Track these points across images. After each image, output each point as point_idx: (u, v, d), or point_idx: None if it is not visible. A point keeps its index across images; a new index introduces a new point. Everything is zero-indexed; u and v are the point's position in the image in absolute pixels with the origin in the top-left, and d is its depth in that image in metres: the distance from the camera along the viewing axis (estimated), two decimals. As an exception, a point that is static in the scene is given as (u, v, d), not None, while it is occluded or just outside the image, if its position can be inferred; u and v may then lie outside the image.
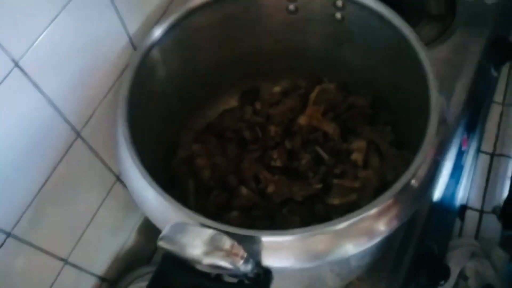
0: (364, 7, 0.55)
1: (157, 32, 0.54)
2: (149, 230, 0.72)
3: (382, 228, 0.41)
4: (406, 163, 0.44)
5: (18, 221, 0.46)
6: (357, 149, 0.61)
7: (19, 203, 0.46)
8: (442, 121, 0.46)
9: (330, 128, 0.64)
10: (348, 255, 0.40)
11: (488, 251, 0.73)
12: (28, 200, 0.47)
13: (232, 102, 0.73)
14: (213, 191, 0.61)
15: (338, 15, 0.60)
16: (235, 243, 0.34)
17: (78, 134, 0.51)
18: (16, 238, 0.46)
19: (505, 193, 0.82)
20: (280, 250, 0.38)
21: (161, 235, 0.35)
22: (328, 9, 0.59)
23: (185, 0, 0.63)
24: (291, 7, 0.61)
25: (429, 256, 0.68)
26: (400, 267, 0.63)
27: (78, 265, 0.58)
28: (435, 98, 0.46)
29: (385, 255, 0.62)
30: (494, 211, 0.81)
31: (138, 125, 0.49)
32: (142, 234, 0.72)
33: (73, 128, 0.50)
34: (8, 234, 0.44)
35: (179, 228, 0.35)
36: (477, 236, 0.79)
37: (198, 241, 0.34)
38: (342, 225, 0.39)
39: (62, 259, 0.55)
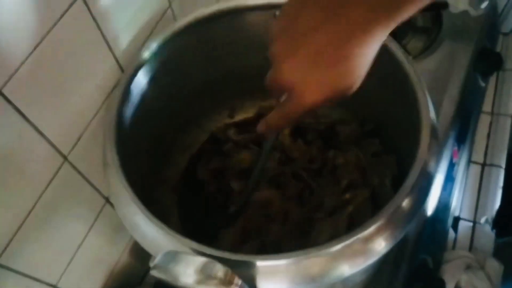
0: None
1: (145, 54, 0.53)
2: (140, 251, 0.69)
3: (378, 248, 0.40)
4: (388, 165, 0.43)
5: (4, 250, 0.44)
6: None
7: (5, 231, 0.45)
8: (434, 137, 0.45)
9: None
10: (344, 276, 0.40)
11: (482, 263, 0.73)
12: (14, 228, 0.45)
13: (221, 119, 0.73)
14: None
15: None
16: (229, 271, 0.33)
17: (65, 158, 0.50)
18: (3, 266, 0.45)
19: (497, 203, 0.82)
20: (275, 274, 0.38)
21: (153, 264, 0.35)
22: (314, 26, 0.59)
23: (171, 20, 0.63)
24: (279, 24, 0.61)
25: (424, 269, 0.68)
26: (395, 282, 0.63)
27: (68, 290, 0.57)
28: (425, 115, 0.46)
29: (380, 270, 0.61)
30: (487, 221, 0.81)
31: (127, 147, 0.48)
32: (133, 255, 0.70)
33: (59, 152, 0.49)
34: (-5, 264, 0.43)
35: (171, 256, 0.34)
36: (471, 247, 0.79)
37: (191, 270, 0.33)
38: (337, 247, 0.38)
39: (52, 285, 0.54)
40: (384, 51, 0.51)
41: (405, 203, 0.41)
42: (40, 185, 0.48)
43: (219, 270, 0.33)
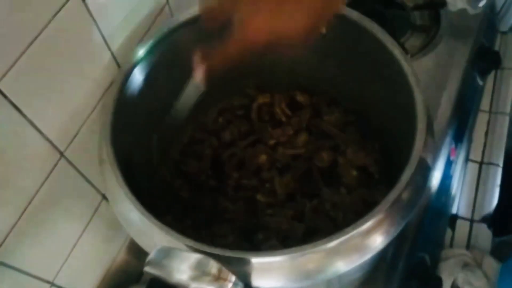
0: (348, 21, 0.55)
1: (141, 50, 0.53)
2: (137, 248, 0.70)
3: (373, 243, 0.40)
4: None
5: (0, 246, 0.44)
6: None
7: (1, 227, 0.45)
8: (430, 132, 0.45)
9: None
10: (340, 273, 0.40)
11: (479, 261, 0.73)
12: (10, 224, 0.45)
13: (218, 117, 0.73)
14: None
15: (322, 29, 0.59)
16: (223, 267, 0.33)
17: (61, 154, 0.50)
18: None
19: (495, 201, 0.82)
20: (270, 271, 0.38)
21: (147, 260, 0.35)
22: (312, 23, 0.59)
23: (168, 16, 0.63)
24: (276, 21, 0.61)
25: (421, 267, 0.68)
26: (392, 280, 0.63)
27: (65, 287, 0.56)
28: (421, 110, 0.45)
29: (377, 267, 0.61)
30: (484, 219, 0.81)
31: (123, 144, 0.48)
32: (130, 253, 0.70)
33: (56, 148, 0.49)
34: (-9, 260, 0.43)
35: (165, 252, 0.34)
36: (468, 245, 0.79)
37: (185, 266, 0.33)
38: (332, 243, 0.38)
39: (48, 282, 0.54)
40: (381, 48, 0.52)
41: (401, 198, 0.41)
42: (37, 181, 0.48)
43: (213, 266, 0.33)
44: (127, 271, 0.71)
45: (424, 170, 0.44)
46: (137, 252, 0.71)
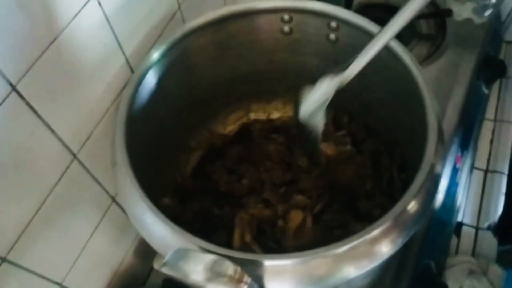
0: (358, 28, 0.56)
1: (154, 55, 0.54)
2: (145, 251, 0.71)
3: (383, 250, 0.40)
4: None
5: (12, 246, 0.45)
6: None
7: (14, 227, 0.45)
8: (440, 141, 0.46)
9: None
10: (350, 278, 0.40)
11: (485, 268, 0.74)
12: (23, 225, 0.46)
13: (227, 122, 0.73)
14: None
15: (332, 36, 0.60)
16: (239, 268, 0.34)
17: (74, 156, 0.51)
18: (10, 263, 0.45)
19: (500, 209, 0.83)
20: (282, 274, 0.38)
21: (164, 261, 0.35)
22: (322, 30, 0.60)
23: (180, 22, 0.64)
24: (286, 28, 0.62)
25: (427, 274, 0.68)
26: (399, 286, 0.63)
27: (73, 288, 0.57)
28: (432, 119, 0.46)
29: (384, 274, 0.61)
30: (489, 227, 0.81)
31: (135, 147, 0.48)
32: (138, 255, 0.71)
33: (69, 150, 0.50)
34: (3, 260, 0.44)
35: (181, 254, 0.35)
36: (473, 253, 0.79)
37: (201, 267, 0.33)
38: (343, 248, 0.38)
39: (57, 283, 0.54)
40: (392, 56, 0.53)
41: (412, 205, 0.41)
42: (50, 182, 0.48)
43: (229, 267, 0.34)
44: (134, 274, 0.71)
45: (434, 177, 0.45)
46: (144, 255, 0.72)
